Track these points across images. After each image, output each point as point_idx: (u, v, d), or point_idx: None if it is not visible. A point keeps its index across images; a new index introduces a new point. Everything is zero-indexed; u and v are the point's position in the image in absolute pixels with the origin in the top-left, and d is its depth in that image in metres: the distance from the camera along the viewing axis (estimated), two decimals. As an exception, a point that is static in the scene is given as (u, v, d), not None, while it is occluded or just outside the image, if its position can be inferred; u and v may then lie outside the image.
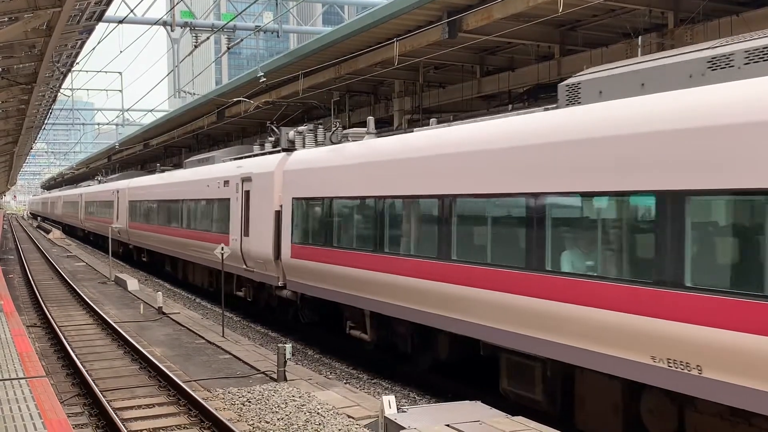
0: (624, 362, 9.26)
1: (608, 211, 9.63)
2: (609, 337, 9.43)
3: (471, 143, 12.26)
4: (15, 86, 21.79)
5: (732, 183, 8.05)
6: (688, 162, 8.50)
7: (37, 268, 36.73)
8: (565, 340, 10.21)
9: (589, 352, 9.83)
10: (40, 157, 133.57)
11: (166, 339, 18.20)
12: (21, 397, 10.04)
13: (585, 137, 9.93)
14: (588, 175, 9.83)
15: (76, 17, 16.14)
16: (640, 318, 8.97)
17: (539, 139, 10.78)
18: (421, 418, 10.12)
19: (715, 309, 8.16)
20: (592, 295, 9.70)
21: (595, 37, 17.79)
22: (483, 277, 11.76)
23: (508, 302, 11.21)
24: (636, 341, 9.05)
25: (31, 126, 36.21)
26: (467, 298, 12.07)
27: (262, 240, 19.75)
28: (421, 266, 13.18)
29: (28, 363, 12.17)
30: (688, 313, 8.43)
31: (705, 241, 8.44)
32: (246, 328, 21.21)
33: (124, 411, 11.96)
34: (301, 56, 22.78)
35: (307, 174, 17.63)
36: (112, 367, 15.19)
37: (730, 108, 8.20)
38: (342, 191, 15.94)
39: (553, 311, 10.32)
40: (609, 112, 9.83)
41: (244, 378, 14.19)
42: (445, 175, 12.74)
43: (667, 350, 8.69)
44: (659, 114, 8.98)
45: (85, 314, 22.14)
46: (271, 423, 11.23)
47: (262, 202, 19.93)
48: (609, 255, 9.63)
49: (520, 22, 16.43)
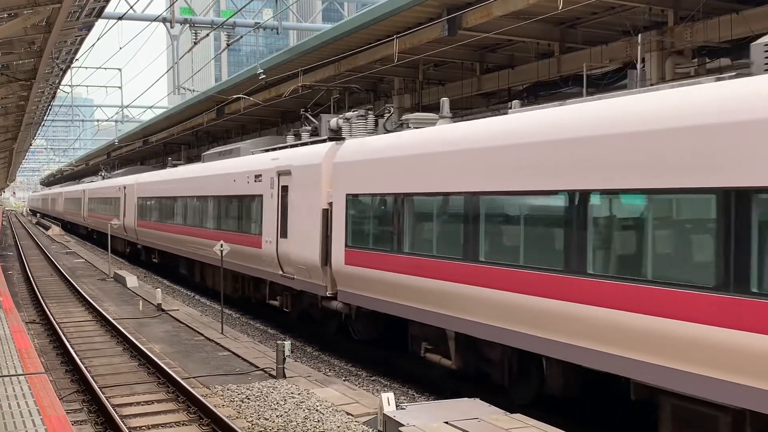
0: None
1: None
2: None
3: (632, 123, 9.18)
4: (14, 82, 21.76)
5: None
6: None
7: (36, 264, 36.72)
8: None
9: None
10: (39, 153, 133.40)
11: (165, 336, 18.20)
12: (20, 393, 10.05)
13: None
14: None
15: (75, 13, 16.12)
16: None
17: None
18: (420, 415, 10.13)
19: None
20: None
21: (595, 34, 17.78)
22: (644, 298, 8.83)
23: (695, 333, 8.27)
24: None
25: (31, 122, 36.18)
26: (616, 325, 9.18)
27: (305, 243, 17.23)
28: (539, 281, 10.38)
29: (27, 360, 12.18)
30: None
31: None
32: (245, 325, 21.21)
33: (123, 408, 11.96)
34: (300, 53, 22.77)
35: (367, 166, 14.90)
36: (111, 363, 15.19)
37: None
38: (419, 186, 13.27)
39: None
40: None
41: (243, 375, 14.20)
42: (578, 166, 9.88)
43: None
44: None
45: (84, 311, 22.15)
46: (270, 420, 11.24)
47: (305, 199, 17.40)
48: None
49: (519, 19, 16.41)
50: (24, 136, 43.22)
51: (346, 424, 10.94)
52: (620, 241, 9.35)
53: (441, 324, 12.76)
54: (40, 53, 18.45)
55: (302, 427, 10.88)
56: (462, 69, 22.28)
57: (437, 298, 12.63)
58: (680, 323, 8.33)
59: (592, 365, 9.70)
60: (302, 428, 10.83)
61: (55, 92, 29.08)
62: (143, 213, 34.83)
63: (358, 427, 10.87)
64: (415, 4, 16.87)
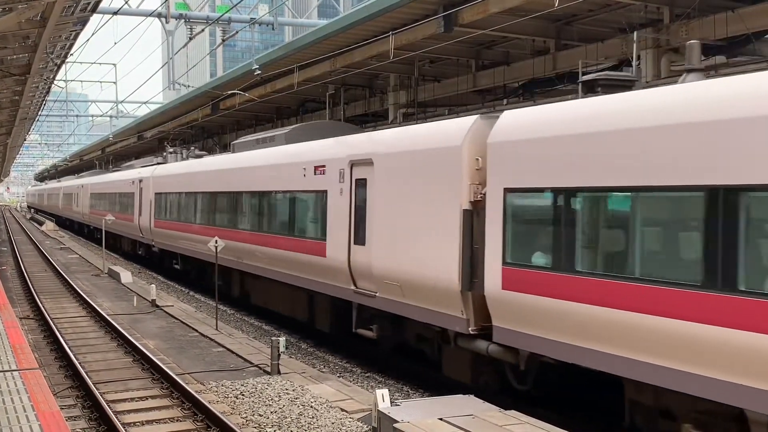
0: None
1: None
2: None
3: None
4: (8, 77, 21.69)
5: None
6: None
7: (30, 260, 36.64)
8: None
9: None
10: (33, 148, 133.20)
11: (159, 332, 18.18)
12: (14, 389, 10.02)
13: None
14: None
15: (70, 8, 16.07)
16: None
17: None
18: (415, 411, 10.13)
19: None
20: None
21: (591, 32, 17.79)
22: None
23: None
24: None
25: (25, 117, 36.09)
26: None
27: (413, 254, 12.98)
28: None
29: (21, 355, 12.15)
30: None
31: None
32: (239, 321, 21.19)
33: (117, 403, 11.95)
34: (296, 49, 22.73)
35: (565, 145, 10.04)
36: (106, 359, 15.17)
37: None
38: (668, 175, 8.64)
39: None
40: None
41: (237, 371, 14.19)
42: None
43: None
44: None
45: (78, 306, 22.11)
46: (265, 416, 11.23)
47: (421, 195, 12.86)
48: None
49: (515, 16, 16.41)
50: (18, 131, 43.13)
51: (340, 421, 10.94)
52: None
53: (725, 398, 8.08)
54: (35, 48, 18.40)
55: (297, 423, 10.88)
56: (458, 65, 22.28)
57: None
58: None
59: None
60: (297, 424, 10.83)
61: (49, 87, 29.01)
62: (161, 211, 29.81)
63: (353, 423, 10.87)
64: (411, 1, 16.86)
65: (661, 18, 15.70)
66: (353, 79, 25.49)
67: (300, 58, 23.33)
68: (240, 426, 10.77)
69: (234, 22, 29.04)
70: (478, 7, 16.19)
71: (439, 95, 23.58)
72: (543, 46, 19.17)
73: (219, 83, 30.18)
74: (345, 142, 15.99)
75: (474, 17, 16.55)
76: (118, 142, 59.02)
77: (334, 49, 21.66)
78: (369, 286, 14.46)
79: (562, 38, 18.30)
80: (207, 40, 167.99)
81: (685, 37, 14.69)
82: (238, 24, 29.33)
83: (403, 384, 14.47)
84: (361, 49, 20.92)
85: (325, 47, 21.78)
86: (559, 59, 18.51)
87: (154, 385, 13.13)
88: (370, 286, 14.44)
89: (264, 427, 10.79)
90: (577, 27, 17.79)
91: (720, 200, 8.09)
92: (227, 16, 27.94)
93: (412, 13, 17.89)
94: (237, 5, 23.07)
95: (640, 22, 16.13)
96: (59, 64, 23.43)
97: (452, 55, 21.15)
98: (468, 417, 9.86)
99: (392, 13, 17.93)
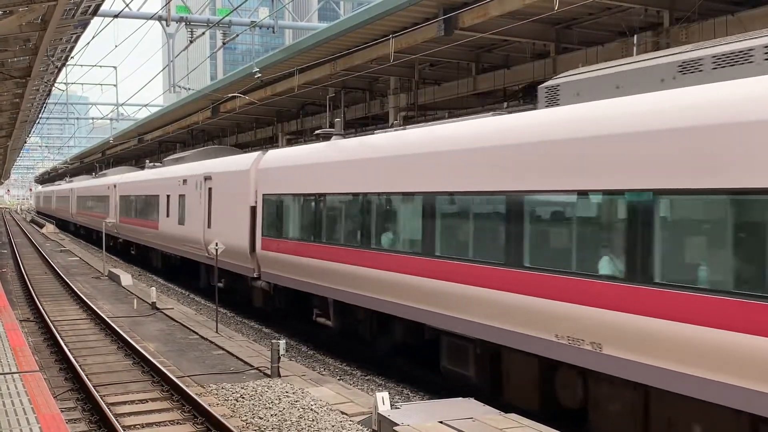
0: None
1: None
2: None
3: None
4: (9, 80, 21.70)
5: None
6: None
7: (30, 262, 36.64)
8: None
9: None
10: (34, 151, 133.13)
11: (159, 334, 18.18)
12: (14, 391, 10.02)
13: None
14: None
15: (71, 11, 16.09)
16: None
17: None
18: (415, 414, 10.14)
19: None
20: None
21: (591, 35, 17.81)
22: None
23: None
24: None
25: (25, 120, 36.10)
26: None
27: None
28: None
29: (22, 357, 12.15)
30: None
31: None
32: (239, 324, 21.20)
33: (118, 406, 11.95)
34: (296, 52, 22.75)
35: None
36: (106, 362, 15.17)
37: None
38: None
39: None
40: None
41: (237, 374, 14.19)
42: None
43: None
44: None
45: (78, 309, 22.11)
46: (265, 419, 11.24)
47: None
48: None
49: (515, 19, 16.43)
50: (18, 134, 43.12)
51: (340, 424, 10.94)
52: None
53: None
54: (35, 51, 18.41)
55: (297, 426, 10.88)
56: (458, 69, 22.30)
57: None
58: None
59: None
60: (297, 427, 10.83)
61: (50, 90, 29.03)
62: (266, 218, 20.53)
63: (353, 426, 10.87)
64: (411, 4, 16.87)
65: (661, 21, 15.71)
66: (353, 82, 25.52)
67: (300, 61, 23.35)
68: (240, 429, 10.77)
69: (234, 25, 29.07)
70: (478, 11, 16.21)
71: (440, 98, 23.60)
72: (543, 50, 19.20)
73: (219, 86, 30.20)
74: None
75: (474, 20, 16.57)
76: (118, 144, 59.05)
77: (334, 52, 21.68)
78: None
79: (562, 42, 18.32)
80: (207, 43, 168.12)
81: (685, 41, 14.71)
82: (239, 27, 29.36)
83: (404, 387, 14.48)
84: (362, 52, 20.95)
85: (325, 50, 21.81)
86: (559, 63, 18.52)
87: (154, 388, 13.13)
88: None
89: (264, 430, 10.79)
90: (577, 30, 17.81)
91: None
92: (227, 19, 27.97)
93: (412, 16, 17.92)
94: (237, 8, 23.10)
95: (640, 26, 16.15)
96: (60, 67, 23.45)
97: (452, 59, 21.17)
98: (468, 420, 9.87)
99: (392, 17, 17.95)
